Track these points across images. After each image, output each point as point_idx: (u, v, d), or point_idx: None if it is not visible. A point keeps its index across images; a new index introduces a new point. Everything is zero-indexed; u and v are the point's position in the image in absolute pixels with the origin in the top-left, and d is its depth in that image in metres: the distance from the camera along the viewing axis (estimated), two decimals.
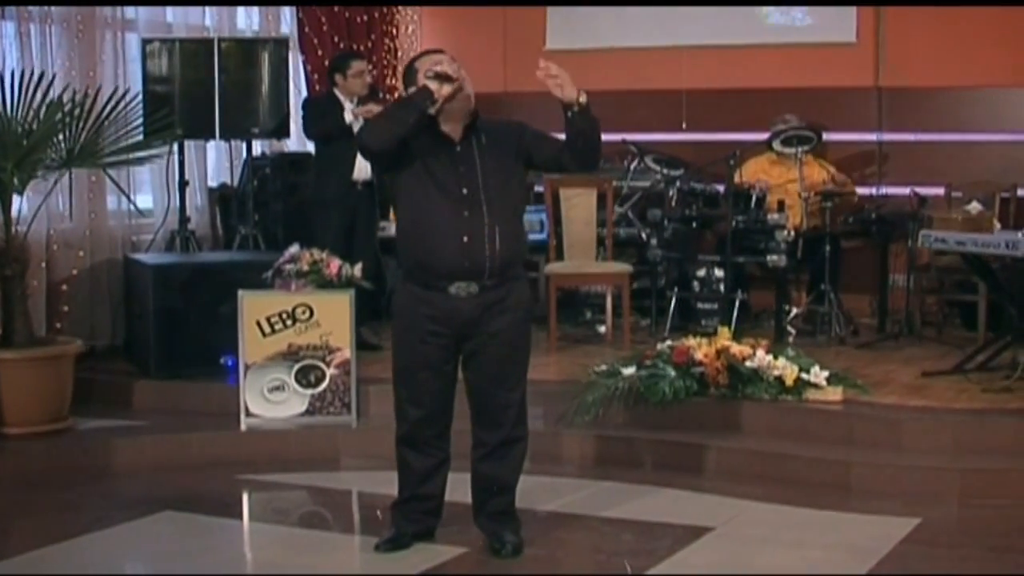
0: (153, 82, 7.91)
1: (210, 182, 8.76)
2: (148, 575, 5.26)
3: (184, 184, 8.15)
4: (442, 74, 4.65)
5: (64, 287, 7.59)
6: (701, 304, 8.46)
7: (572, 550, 5.23)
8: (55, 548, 5.15)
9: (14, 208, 6.67)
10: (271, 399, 6.64)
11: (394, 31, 10.04)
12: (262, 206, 8.57)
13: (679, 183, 8.64)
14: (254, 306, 6.62)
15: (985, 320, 7.91)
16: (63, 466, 6.22)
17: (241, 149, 8.61)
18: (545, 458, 6.18)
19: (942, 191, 8.74)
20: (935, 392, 6.58)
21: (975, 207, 8.06)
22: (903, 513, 5.46)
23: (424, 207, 4.76)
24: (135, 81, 7.91)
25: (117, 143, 6.82)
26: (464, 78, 4.72)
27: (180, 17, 8.48)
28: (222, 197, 8.77)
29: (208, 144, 8.60)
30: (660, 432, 6.35)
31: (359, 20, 9.64)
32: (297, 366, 6.63)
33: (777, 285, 8.39)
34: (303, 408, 6.66)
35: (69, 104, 6.61)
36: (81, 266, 7.69)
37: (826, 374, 6.44)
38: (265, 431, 6.62)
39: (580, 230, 8.35)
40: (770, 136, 8.77)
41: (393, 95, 9.29)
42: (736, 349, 6.48)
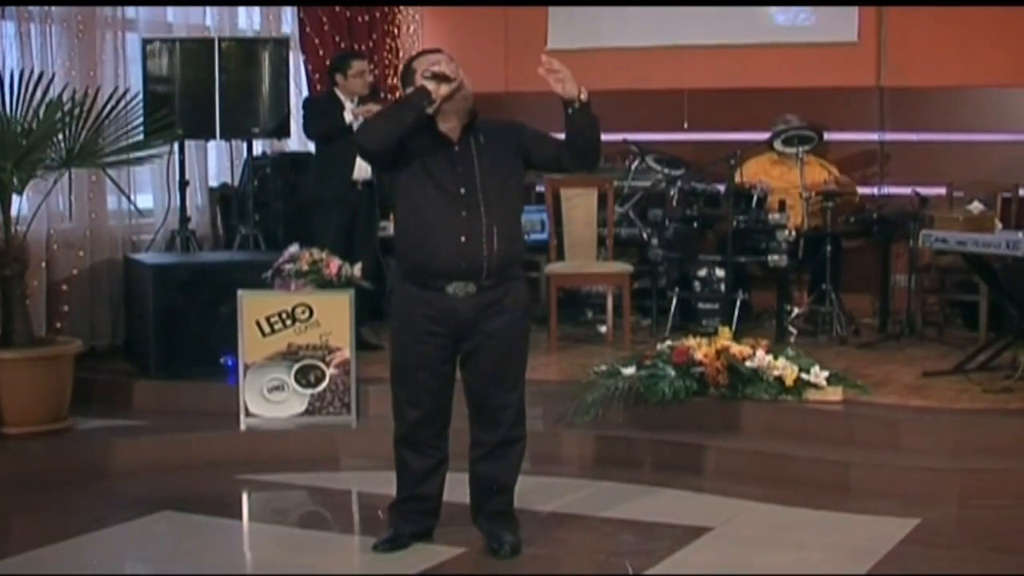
0: (153, 82, 7.91)
1: (211, 182, 8.75)
2: (147, 575, 5.25)
3: (184, 184, 8.15)
4: (439, 74, 4.64)
5: (64, 287, 7.60)
6: (702, 304, 8.47)
7: (571, 550, 5.21)
8: (54, 548, 5.15)
9: (14, 208, 6.67)
10: (271, 399, 6.64)
11: (395, 31, 10.04)
12: (262, 206, 8.56)
13: (680, 183, 8.62)
14: (254, 306, 6.62)
15: (986, 320, 7.90)
16: (62, 466, 6.21)
17: (242, 149, 8.61)
18: (545, 458, 6.18)
19: (943, 191, 8.73)
20: (935, 392, 6.57)
21: (976, 207, 8.06)
22: (902, 514, 5.45)
23: (422, 207, 4.75)
24: (135, 81, 7.91)
25: (117, 143, 6.82)
26: (462, 78, 4.71)
27: (181, 17, 8.47)
28: (223, 197, 8.77)
29: (209, 144, 8.59)
30: (660, 432, 6.34)
31: (360, 20, 9.63)
32: (297, 366, 6.62)
33: (778, 285, 8.39)
34: (303, 408, 6.65)
35: (69, 104, 6.60)
36: (81, 266, 7.69)
37: (826, 374, 6.43)
38: (265, 431, 6.62)
39: (581, 230, 8.34)
40: (771, 136, 8.76)
41: (394, 95, 9.28)
42: (736, 349, 6.47)
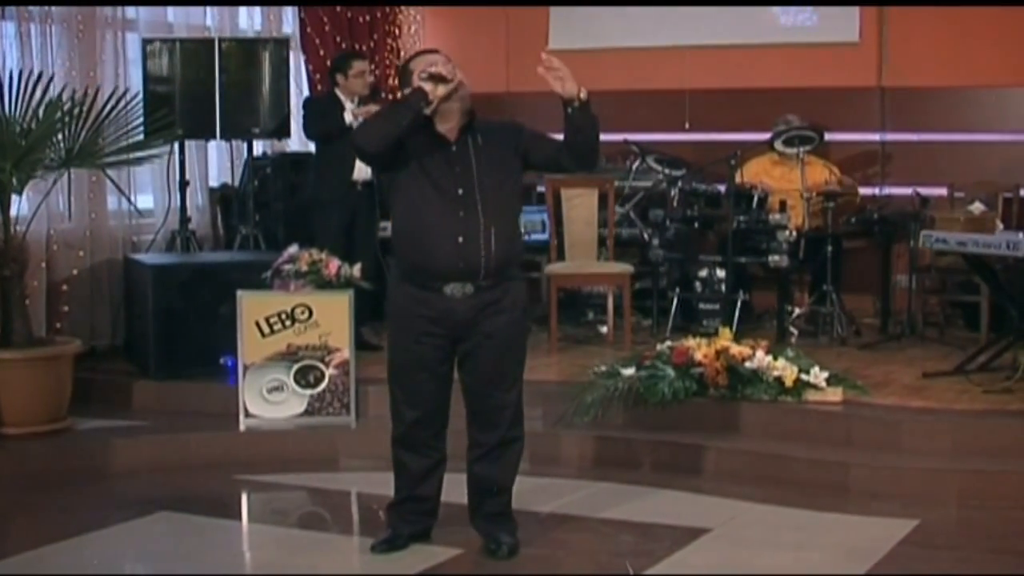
0: (154, 82, 7.90)
1: (211, 182, 8.74)
2: (146, 575, 5.25)
3: (185, 184, 8.14)
4: (436, 75, 4.63)
5: (64, 287, 7.59)
6: (703, 305, 8.46)
7: (571, 551, 5.21)
8: (53, 548, 5.15)
9: (14, 208, 6.66)
10: (270, 399, 6.63)
11: (396, 31, 10.03)
12: (263, 206, 8.55)
13: (681, 183, 8.61)
14: (253, 306, 6.61)
15: (988, 321, 7.88)
16: (61, 466, 6.21)
17: (242, 149, 8.60)
18: (544, 459, 6.19)
19: (945, 191, 8.72)
20: (935, 393, 6.55)
21: (977, 207, 8.05)
22: (901, 515, 5.44)
23: (419, 207, 4.75)
24: (135, 81, 7.90)
25: (117, 143, 6.81)
26: (459, 78, 4.70)
27: (181, 17, 8.46)
28: (223, 197, 8.76)
29: (209, 144, 8.58)
30: (659, 433, 6.33)
31: (361, 20, 9.62)
32: (296, 366, 6.62)
33: (779, 286, 8.38)
34: (302, 408, 6.64)
35: (68, 104, 6.60)
36: (81, 266, 7.69)
37: (826, 375, 6.41)
38: (264, 431, 6.61)
39: (581, 230, 8.33)
40: (772, 136, 8.75)
41: (396, 95, 9.27)
42: (736, 350, 6.45)
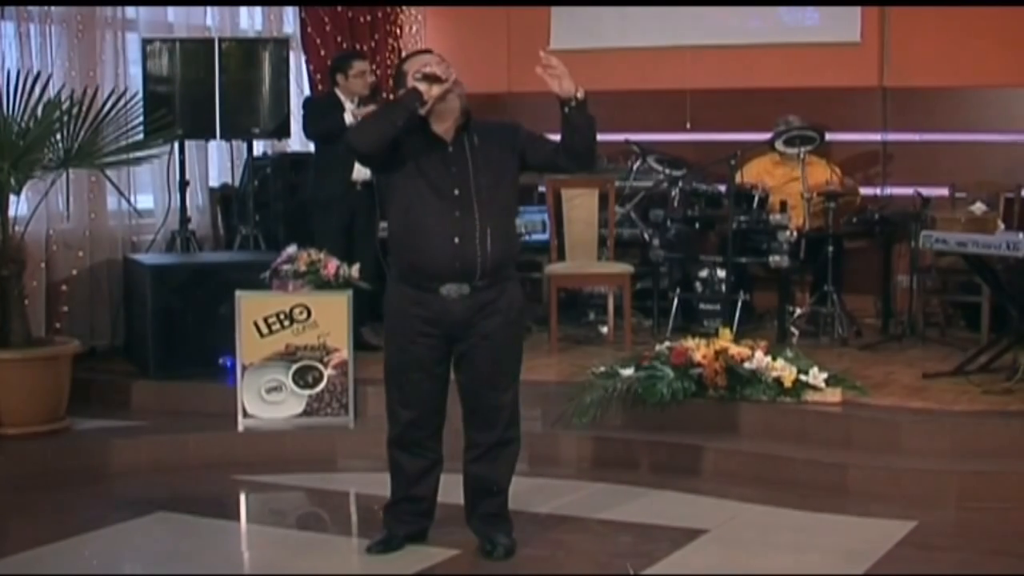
0: (153, 82, 7.90)
1: (211, 182, 8.74)
2: (144, 575, 5.25)
3: (185, 184, 8.14)
4: (431, 75, 4.63)
5: (64, 287, 7.59)
6: (704, 305, 8.46)
7: (569, 551, 5.19)
8: (51, 548, 5.14)
9: (13, 208, 6.66)
10: (268, 400, 6.62)
11: (398, 31, 10.02)
12: (263, 206, 8.55)
13: (681, 183, 8.60)
14: (252, 307, 6.60)
15: (989, 321, 7.85)
16: (60, 466, 6.21)
17: (242, 149, 8.60)
18: (543, 459, 6.19)
19: (946, 192, 8.70)
20: (935, 394, 6.53)
21: (979, 208, 8.02)
22: (900, 516, 5.42)
23: (416, 208, 4.74)
24: (135, 81, 7.90)
25: (116, 143, 6.80)
26: (454, 78, 4.69)
27: (182, 17, 8.46)
28: (223, 197, 8.76)
29: (209, 144, 8.58)
30: (658, 434, 6.32)
31: (362, 20, 9.61)
32: (295, 367, 6.61)
33: (780, 286, 8.37)
34: (300, 409, 6.64)
35: (67, 103, 6.59)
36: (81, 266, 7.69)
37: (825, 375, 6.40)
38: (262, 432, 6.60)
39: (582, 230, 8.32)
40: (773, 136, 8.73)
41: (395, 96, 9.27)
42: (735, 350, 6.44)
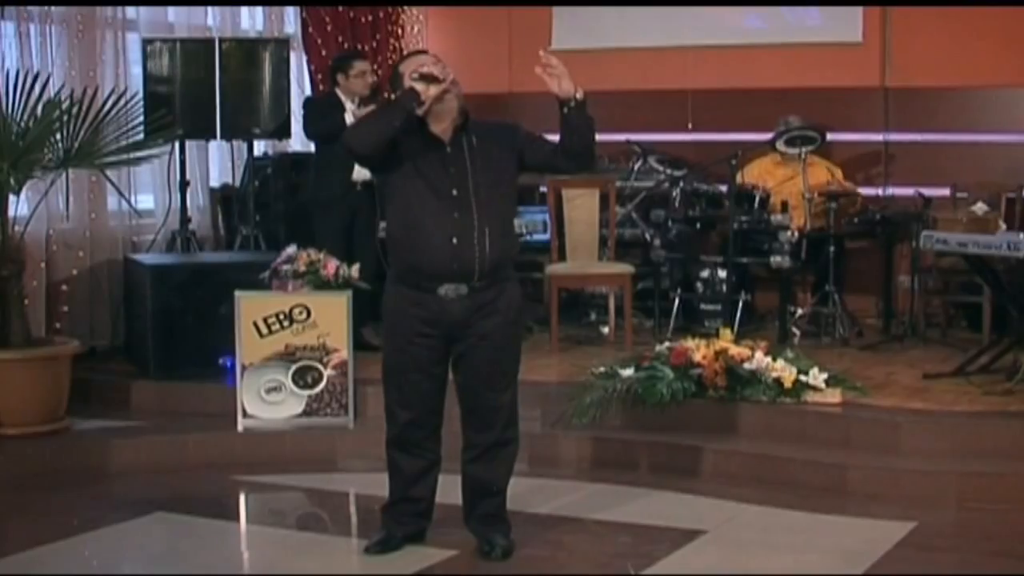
0: (154, 82, 7.90)
1: (212, 182, 8.74)
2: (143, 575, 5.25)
3: (185, 184, 8.13)
4: (427, 75, 4.62)
5: (64, 287, 7.59)
6: (705, 305, 8.44)
7: (568, 552, 5.19)
8: (50, 548, 5.15)
9: (13, 208, 6.65)
10: (268, 400, 6.62)
11: (399, 31, 10.01)
12: (263, 206, 8.55)
13: (683, 183, 8.59)
14: (251, 307, 6.59)
15: (990, 322, 7.84)
16: (59, 466, 6.21)
17: (243, 149, 8.59)
18: (542, 460, 6.19)
19: (948, 192, 8.67)
20: (935, 395, 6.52)
21: (980, 208, 8.01)
22: (899, 517, 5.41)
23: (414, 208, 4.73)
24: (136, 81, 7.90)
25: (116, 143, 6.80)
26: (451, 79, 4.68)
27: (182, 17, 8.46)
28: (224, 197, 8.76)
29: (210, 144, 8.58)
30: (657, 434, 6.31)
31: (363, 20, 9.61)
32: (294, 367, 6.60)
33: (781, 286, 8.36)
34: (300, 409, 6.63)
35: (67, 103, 6.58)
36: (81, 266, 7.69)
37: (825, 376, 6.39)
38: (262, 432, 6.60)
39: (583, 231, 8.30)
40: (774, 136, 8.72)
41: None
42: (734, 351, 6.43)
